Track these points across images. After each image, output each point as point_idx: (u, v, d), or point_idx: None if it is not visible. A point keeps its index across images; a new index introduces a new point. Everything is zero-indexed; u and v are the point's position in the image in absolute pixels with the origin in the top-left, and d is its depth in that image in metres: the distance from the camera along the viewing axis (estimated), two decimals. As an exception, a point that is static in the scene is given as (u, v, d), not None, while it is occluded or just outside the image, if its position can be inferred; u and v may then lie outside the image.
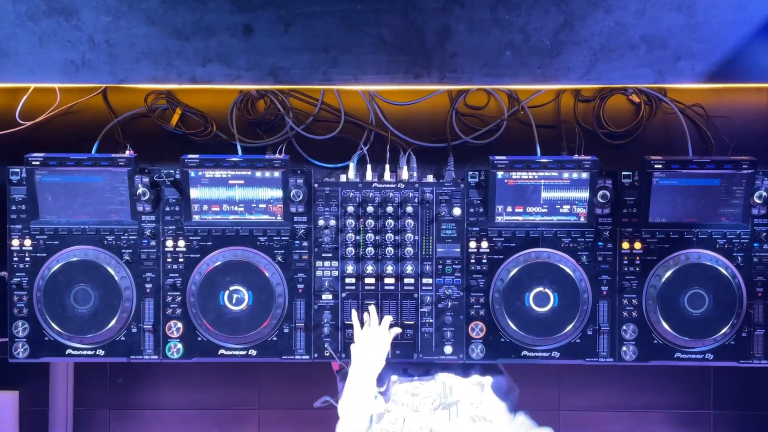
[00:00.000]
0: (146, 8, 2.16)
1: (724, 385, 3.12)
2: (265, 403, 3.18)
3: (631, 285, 2.46)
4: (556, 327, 2.43)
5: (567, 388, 3.15)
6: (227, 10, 2.15)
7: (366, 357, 2.31)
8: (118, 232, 2.46)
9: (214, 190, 2.45)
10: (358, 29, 2.17)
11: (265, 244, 2.46)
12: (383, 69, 2.21)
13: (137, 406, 3.22)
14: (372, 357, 2.31)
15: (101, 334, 2.44)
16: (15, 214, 2.45)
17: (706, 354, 2.46)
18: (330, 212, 2.47)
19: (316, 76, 2.22)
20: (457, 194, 2.47)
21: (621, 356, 2.47)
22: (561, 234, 2.45)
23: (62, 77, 2.23)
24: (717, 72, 2.20)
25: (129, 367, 3.17)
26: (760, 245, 2.44)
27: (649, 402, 3.14)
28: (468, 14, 2.15)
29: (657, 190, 2.41)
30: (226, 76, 2.22)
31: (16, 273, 2.46)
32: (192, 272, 2.45)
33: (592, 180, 2.42)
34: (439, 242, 2.48)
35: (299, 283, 2.47)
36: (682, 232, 2.44)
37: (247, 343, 2.47)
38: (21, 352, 2.47)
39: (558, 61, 2.19)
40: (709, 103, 2.60)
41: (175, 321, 2.47)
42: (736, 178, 2.39)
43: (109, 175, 2.42)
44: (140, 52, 2.20)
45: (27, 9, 2.16)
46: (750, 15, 2.15)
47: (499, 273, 2.45)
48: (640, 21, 2.15)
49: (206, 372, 3.16)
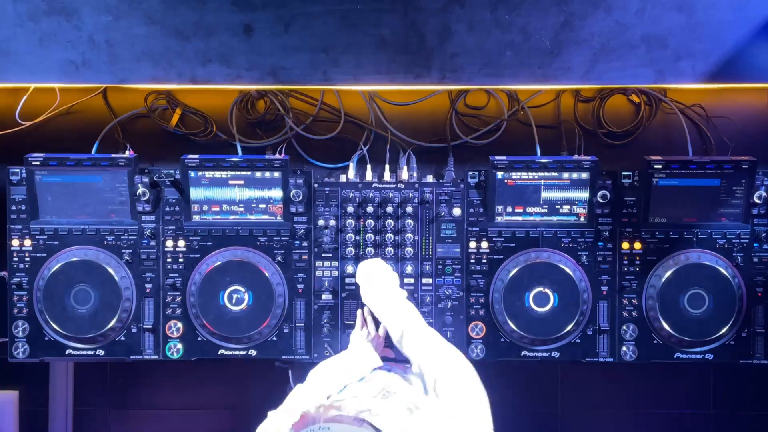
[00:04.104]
0: (146, 8, 2.16)
1: (724, 385, 3.12)
2: (265, 403, 3.17)
3: (631, 285, 2.46)
4: (556, 327, 2.43)
5: (567, 388, 3.15)
6: (227, 10, 2.15)
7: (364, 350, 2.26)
8: (118, 232, 2.46)
9: (214, 190, 2.45)
10: (358, 29, 2.17)
11: (265, 244, 2.46)
12: (383, 69, 2.21)
13: (137, 406, 3.22)
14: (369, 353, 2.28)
15: (101, 334, 2.44)
16: (15, 214, 2.45)
17: (705, 354, 2.46)
18: (330, 212, 2.47)
19: (316, 76, 2.22)
20: (457, 194, 2.47)
21: (621, 356, 2.47)
22: (561, 234, 2.45)
23: (62, 77, 2.23)
24: (717, 72, 2.20)
25: (129, 367, 3.17)
26: (760, 245, 2.44)
27: (649, 402, 3.14)
28: (468, 14, 2.15)
29: (657, 190, 2.41)
30: (226, 76, 2.22)
31: (16, 273, 2.46)
32: (192, 272, 2.45)
33: (592, 180, 2.42)
34: (439, 242, 2.48)
35: (299, 283, 2.47)
36: (682, 232, 2.44)
37: (247, 343, 2.47)
38: (21, 352, 2.47)
39: (558, 61, 2.19)
40: (709, 103, 2.60)
41: (175, 321, 2.47)
42: (736, 178, 2.39)
43: (109, 175, 2.42)
44: (140, 52, 2.20)
45: (27, 9, 2.16)
46: (750, 15, 2.15)
47: (499, 273, 2.45)
48: (640, 21, 2.15)
49: (206, 372, 3.16)
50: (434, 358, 2.01)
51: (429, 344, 2.08)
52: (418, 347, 2.08)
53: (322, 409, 1.67)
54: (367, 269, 2.38)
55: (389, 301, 2.28)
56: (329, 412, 1.67)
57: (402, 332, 2.14)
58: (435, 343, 2.08)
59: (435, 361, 2.00)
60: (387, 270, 2.39)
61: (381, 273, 2.36)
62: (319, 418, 1.64)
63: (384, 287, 2.32)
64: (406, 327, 2.15)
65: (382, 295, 2.30)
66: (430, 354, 2.04)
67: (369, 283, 2.35)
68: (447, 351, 2.04)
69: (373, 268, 2.38)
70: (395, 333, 2.17)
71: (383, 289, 2.32)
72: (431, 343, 2.09)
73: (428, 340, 2.10)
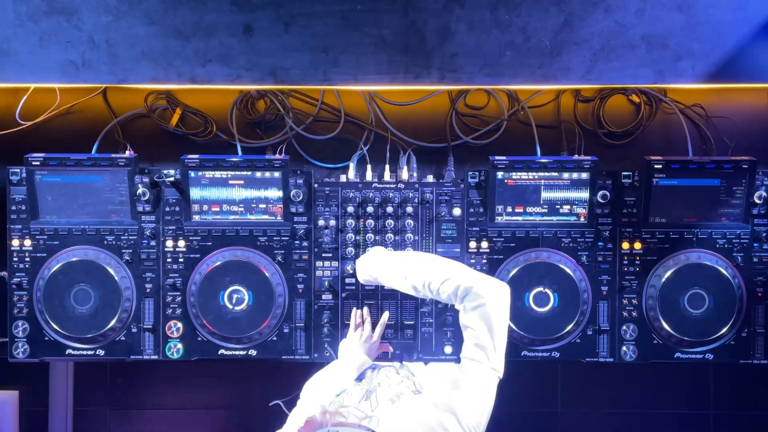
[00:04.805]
0: (146, 8, 2.16)
1: (724, 385, 3.12)
2: (265, 403, 3.17)
3: (631, 285, 2.46)
4: (556, 327, 2.43)
5: (567, 388, 3.15)
6: (227, 10, 2.15)
7: (352, 358, 2.31)
8: (118, 232, 2.46)
9: (214, 190, 2.45)
10: (358, 29, 2.17)
11: (265, 244, 2.46)
12: (383, 69, 2.21)
13: (137, 406, 3.22)
14: (358, 358, 2.31)
15: (101, 334, 2.44)
16: (15, 214, 2.45)
17: (706, 354, 2.46)
18: (330, 212, 2.47)
19: (316, 76, 2.22)
20: (457, 194, 2.47)
21: (621, 356, 2.47)
22: (561, 234, 2.45)
23: (62, 77, 2.23)
24: (717, 72, 2.20)
25: (129, 366, 3.16)
26: (760, 245, 2.44)
27: (649, 402, 3.14)
28: (468, 14, 2.15)
29: (657, 190, 2.41)
30: (226, 76, 2.22)
31: (16, 273, 2.46)
32: (192, 272, 2.45)
33: (592, 180, 2.42)
34: (439, 242, 2.48)
35: (299, 283, 2.47)
36: (682, 232, 2.44)
37: (247, 343, 2.47)
38: (21, 352, 2.47)
39: (558, 61, 2.19)
40: (709, 103, 2.60)
41: (175, 321, 2.47)
42: (736, 178, 2.39)
43: (109, 175, 2.42)
44: (140, 52, 2.20)
45: (27, 9, 2.16)
46: (750, 15, 2.15)
47: (499, 273, 2.45)
48: (640, 21, 2.16)
49: (206, 372, 3.16)
50: (454, 267, 2.10)
51: (412, 262, 2.20)
52: (410, 270, 2.16)
53: (329, 415, 1.76)
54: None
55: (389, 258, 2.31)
56: (336, 417, 1.79)
57: (413, 280, 2.16)
58: (448, 261, 2.16)
59: (455, 271, 2.08)
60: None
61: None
62: (326, 423, 1.74)
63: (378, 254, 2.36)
64: (408, 272, 2.18)
65: (380, 258, 2.33)
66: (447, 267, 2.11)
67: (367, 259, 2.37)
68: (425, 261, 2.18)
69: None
70: (416, 281, 2.16)
71: (378, 254, 2.35)
72: (445, 261, 2.16)
73: (407, 258, 2.23)
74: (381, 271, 2.29)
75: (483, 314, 1.96)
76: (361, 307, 2.47)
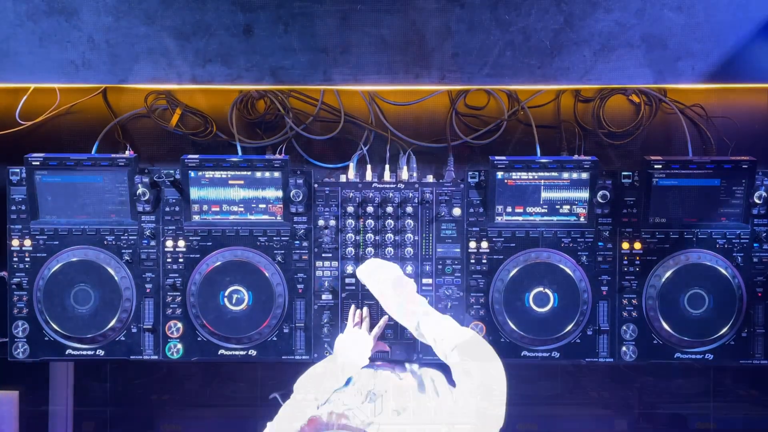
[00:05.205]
0: (146, 8, 2.16)
1: (723, 385, 3.12)
2: (265, 403, 3.17)
3: (631, 285, 2.46)
4: (556, 327, 2.43)
5: (567, 388, 3.15)
6: (227, 10, 2.15)
7: (346, 354, 2.30)
8: (118, 233, 2.46)
9: (213, 190, 2.45)
10: (358, 29, 2.17)
11: (265, 244, 2.46)
12: (383, 69, 2.21)
13: (137, 406, 3.22)
14: (352, 355, 2.30)
15: (101, 334, 2.44)
16: (15, 214, 2.45)
17: (706, 354, 2.46)
18: (330, 212, 2.47)
19: (316, 76, 2.22)
20: (457, 194, 2.47)
21: (621, 356, 2.47)
22: (561, 234, 2.45)
23: (62, 77, 2.23)
24: (717, 72, 2.20)
25: (129, 366, 3.16)
26: (760, 245, 2.44)
27: (649, 402, 3.14)
28: (468, 14, 2.15)
29: (657, 190, 2.41)
30: (226, 76, 2.22)
31: (16, 273, 2.46)
32: (192, 272, 2.45)
33: (592, 180, 2.41)
34: (439, 242, 2.48)
35: (299, 283, 2.47)
36: (682, 232, 2.44)
37: (247, 343, 2.47)
38: (21, 352, 2.47)
39: (558, 61, 2.19)
40: (709, 103, 2.60)
41: (175, 321, 2.47)
42: (736, 178, 2.39)
43: (109, 175, 2.42)
44: (140, 52, 2.20)
45: (27, 9, 2.16)
46: (750, 15, 2.15)
47: (499, 273, 2.45)
48: (640, 21, 2.15)
49: (206, 372, 3.16)
50: (453, 330, 2.19)
51: (446, 321, 2.23)
52: (436, 324, 2.21)
53: (335, 416, 1.78)
54: (369, 269, 2.38)
55: (401, 295, 2.30)
56: (341, 419, 1.81)
57: (418, 321, 2.23)
58: (451, 321, 2.24)
59: (453, 331, 2.17)
60: (387, 265, 2.39)
61: (383, 270, 2.37)
62: (332, 425, 1.77)
63: (392, 281, 2.33)
64: (421, 315, 2.23)
65: (392, 289, 2.32)
66: (448, 328, 2.19)
67: (378, 282, 2.35)
68: (463, 328, 2.25)
69: (374, 267, 2.38)
70: (411, 323, 2.25)
71: (392, 284, 2.33)
72: (448, 321, 2.23)
73: (444, 319, 2.24)
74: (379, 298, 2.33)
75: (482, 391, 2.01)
76: (361, 307, 2.47)
